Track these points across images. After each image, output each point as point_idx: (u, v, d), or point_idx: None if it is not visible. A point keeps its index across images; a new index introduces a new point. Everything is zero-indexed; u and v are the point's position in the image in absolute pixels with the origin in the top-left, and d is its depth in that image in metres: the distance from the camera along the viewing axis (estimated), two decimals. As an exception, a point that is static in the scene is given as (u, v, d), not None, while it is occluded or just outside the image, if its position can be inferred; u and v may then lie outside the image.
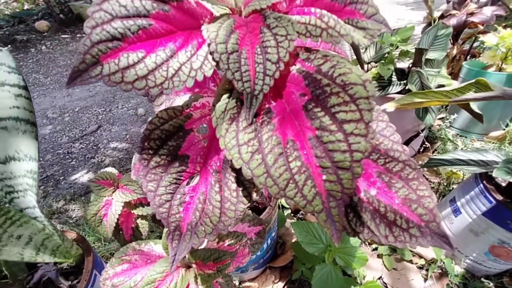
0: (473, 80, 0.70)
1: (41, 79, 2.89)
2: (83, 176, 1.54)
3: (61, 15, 4.06)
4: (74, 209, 1.31)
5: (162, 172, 0.30)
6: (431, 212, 0.30)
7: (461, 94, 0.75)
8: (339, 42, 0.26)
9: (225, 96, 0.26)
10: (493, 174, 0.67)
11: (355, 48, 1.26)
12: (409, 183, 0.31)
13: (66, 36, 3.96)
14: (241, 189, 0.29)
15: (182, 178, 0.31)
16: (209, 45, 0.23)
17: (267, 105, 0.24)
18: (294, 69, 0.24)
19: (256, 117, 0.24)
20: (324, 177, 0.22)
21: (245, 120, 0.23)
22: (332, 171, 0.22)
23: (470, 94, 0.73)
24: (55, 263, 0.64)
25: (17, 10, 4.90)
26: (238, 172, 0.29)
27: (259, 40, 0.24)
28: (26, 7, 5.16)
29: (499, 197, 0.79)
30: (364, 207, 0.30)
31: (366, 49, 1.30)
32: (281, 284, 0.88)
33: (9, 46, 3.63)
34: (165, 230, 0.31)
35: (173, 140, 0.30)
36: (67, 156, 1.76)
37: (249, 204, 0.29)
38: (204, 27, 0.24)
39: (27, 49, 3.61)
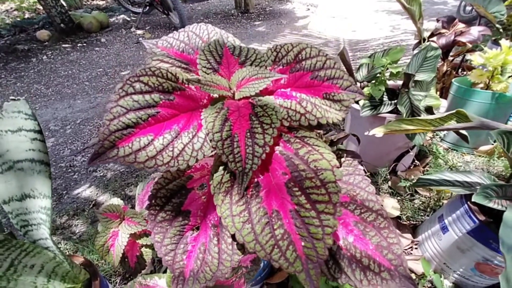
0: (454, 111, 0.75)
1: (43, 90, 2.94)
2: (85, 191, 1.58)
3: (61, 25, 4.12)
4: (78, 224, 1.35)
5: (167, 226, 0.35)
6: (399, 257, 0.34)
7: (444, 122, 0.80)
8: (316, 123, 0.30)
9: (221, 167, 0.31)
10: (473, 199, 0.71)
11: (348, 68, 1.31)
12: (381, 232, 0.35)
13: (67, 45, 4.02)
14: (236, 243, 0.34)
15: (185, 230, 0.35)
16: (207, 134, 0.28)
17: (255, 179, 0.29)
18: (277, 150, 0.29)
19: (247, 190, 0.29)
20: (302, 243, 0.27)
21: (238, 194, 0.28)
22: (309, 240, 0.27)
23: (452, 124, 0.78)
24: (64, 288, 0.69)
25: (18, 19, 4.95)
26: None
27: (249, 125, 0.29)
28: (27, 15, 5.22)
29: (482, 218, 0.83)
30: (342, 254, 0.35)
31: (359, 68, 1.36)
32: (277, 300, 0.92)
33: (10, 55, 3.69)
34: (171, 274, 0.36)
35: (176, 197, 0.35)
36: (69, 170, 1.80)
37: (243, 255, 0.34)
38: (203, 116, 0.29)
39: (28, 59, 3.65)
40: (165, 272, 0.93)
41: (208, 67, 0.34)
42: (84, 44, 4.14)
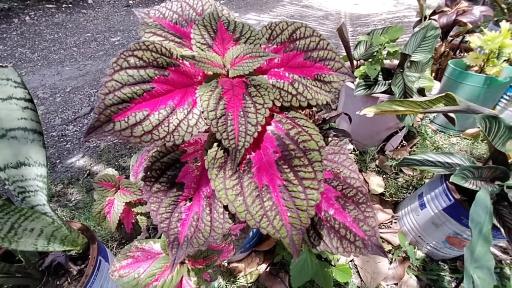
0: (443, 94, 0.77)
1: (28, 54, 2.79)
2: (79, 161, 1.59)
3: (43, -18, 3.79)
4: (73, 193, 1.38)
5: (162, 196, 0.37)
6: (373, 229, 0.38)
7: (433, 105, 0.82)
8: (306, 105, 0.32)
9: (215, 144, 0.32)
10: (450, 179, 0.76)
11: (346, 45, 1.29)
12: (359, 206, 0.39)
13: (51, 6, 3.74)
14: (227, 212, 0.36)
15: (179, 200, 0.38)
16: (202, 112, 0.29)
17: (248, 156, 0.31)
18: (269, 129, 0.31)
19: (239, 165, 0.31)
20: (288, 213, 0.30)
21: (231, 169, 0.30)
22: (294, 211, 0.30)
23: (440, 107, 0.80)
24: (64, 250, 0.73)
25: (-6, -27, 4.51)
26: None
27: (242, 105, 0.30)
28: (3, -31, 4.75)
29: (457, 196, 0.90)
30: (323, 225, 0.38)
31: (356, 46, 1.33)
32: (264, 265, 1.00)
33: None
34: (166, 239, 0.39)
35: (171, 170, 0.37)
36: (62, 139, 1.79)
37: (233, 223, 0.37)
38: (198, 94, 0.30)
39: (9, 19, 3.41)
40: (159, 238, 0.98)
41: (203, 42, 0.34)
42: (70, 5, 3.87)
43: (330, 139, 0.40)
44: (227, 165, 0.31)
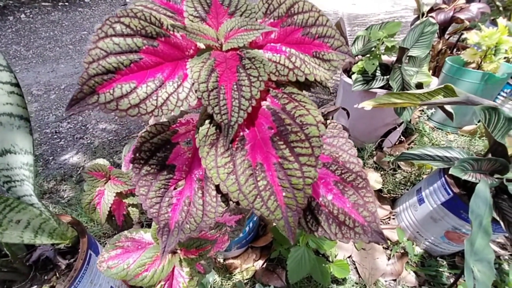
0: (442, 85, 0.76)
1: (22, 51, 2.75)
2: (72, 157, 1.56)
3: (39, -21, 3.76)
4: (66, 189, 1.35)
5: (152, 179, 0.35)
6: (373, 214, 0.36)
7: (432, 97, 0.81)
8: (303, 79, 0.30)
9: (207, 121, 0.30)
10: (450, 172, 0.75)
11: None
12: (359, 191, 0.37)
13: (46, 4, 3.70)
14: (220, 195, 0.34)
15: (169, 184, 0.36)
16: (192, 84, 0.27)
17: (241, 133, 0.29)
18: (264, 104, 0.29)
19: (232, 143, 0.29)
20: (283, 193, 0.28)
21: (223, 146, 0.28)
22: (289, 190, 0.28)
23: (439, 98, 0.79)
24: (52, 244, 0.70)
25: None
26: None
27: (236, 78, 0.28)
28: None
29: (456, 190, 0.88)
30: (321, 210, 0.37)
31: (354, 41, 1.33)
32: (261, 261, 0.98)
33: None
34: (156, 225, 0.37)
35: (161, 151, 0.35)
36: (55, 136, 1.76)
37: (227, 207, 0.35)
38: (189, 65, 0.28)
39: (4, 17, 3.36)
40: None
41: (195, 15, 0.32)
42: (66, 4, 3.83)
43: (328, 121, 0.38)
44: (219, 142, 0.29)
